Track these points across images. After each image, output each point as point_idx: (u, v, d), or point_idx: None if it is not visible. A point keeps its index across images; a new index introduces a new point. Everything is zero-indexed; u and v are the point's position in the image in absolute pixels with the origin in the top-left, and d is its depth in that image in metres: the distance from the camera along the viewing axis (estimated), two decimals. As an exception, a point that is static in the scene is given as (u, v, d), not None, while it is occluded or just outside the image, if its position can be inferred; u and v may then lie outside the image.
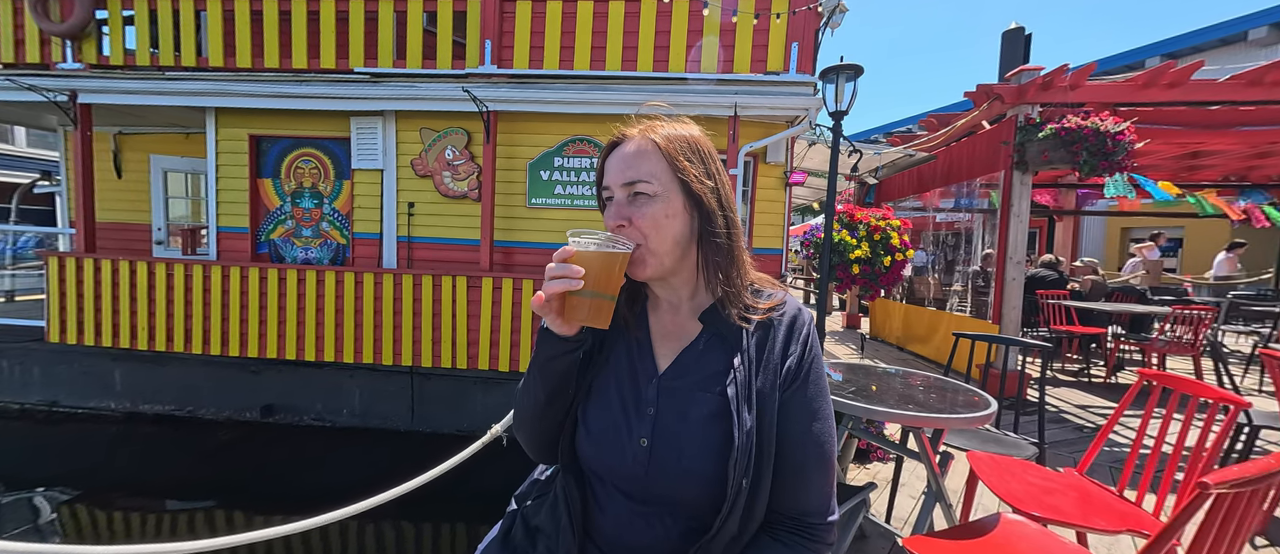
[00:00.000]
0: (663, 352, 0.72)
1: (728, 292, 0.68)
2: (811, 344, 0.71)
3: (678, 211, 0.67)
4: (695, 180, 0.67)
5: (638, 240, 0.66)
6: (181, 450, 4.46)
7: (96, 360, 4.72)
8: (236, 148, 4.85)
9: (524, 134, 4.60)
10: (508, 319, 4.25)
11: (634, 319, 0.75)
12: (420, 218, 4.76)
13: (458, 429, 4.55)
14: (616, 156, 0.70)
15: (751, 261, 0.74)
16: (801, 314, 0.72)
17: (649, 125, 0.71)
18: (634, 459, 0.66)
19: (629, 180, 0.67)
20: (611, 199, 0.70)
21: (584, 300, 0.62)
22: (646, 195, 0.66)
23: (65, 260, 4.55)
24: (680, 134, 0.70)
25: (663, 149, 0.67)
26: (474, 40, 4.24)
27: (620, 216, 0.67)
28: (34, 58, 4.61)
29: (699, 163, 0.69)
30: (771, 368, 0.67)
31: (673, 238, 0.67)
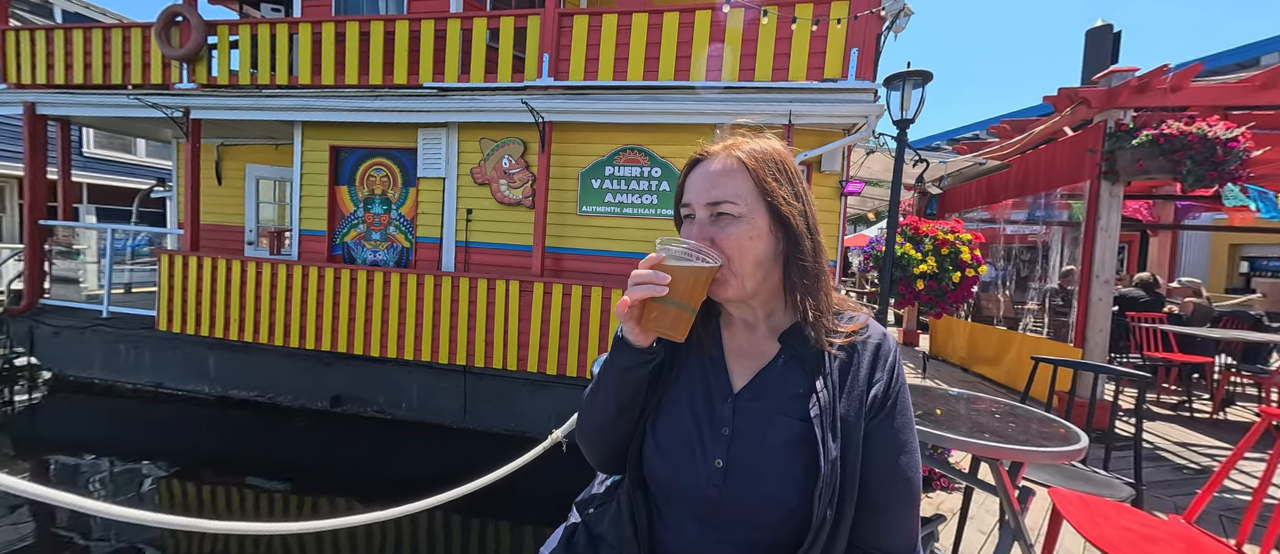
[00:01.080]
0: (738, 370, 0.70)
1: (812, 315, 0.66)
2: (898, 372, 0.67)
3: (763, 233, 0.65)
4: (783, 202, 0.65)
5: (719, 261, 0.65)
6: (262, 434, 4.87)
7: (195, 348, 5.26)
8: (319, 157, 5.29)
9: (577, 143, 4.72)
10: (557, 324, 4.34)
11: (708, 335, 0.73)
12: (477, 223, 4.99)
13: (506, 429, 4.69)
14: (699, 174, 0.68)
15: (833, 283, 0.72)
16: (887, 340, 0.69)
17: (733, 142, 0.69)
18: (707, 480, 0.65)
19: (713, 200, 0.65)
20: (692, 218, 0.68)
21: (667, 309, 0.62)
22: (731, 216, 0.64)
23: (174, 258, 5.12)
24: (767, 152, 0.68)
25: (749, 169, 0.65)
26: (533, 54, 4.41)
27: (702, 237, 0.65)
28: (156, 79, 5.25)
29: (787, 183, 0.67)
30: (856, 395, 0.64)
31: (756, 260, 0.65)
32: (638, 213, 4.64)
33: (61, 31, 5.44)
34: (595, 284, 4.28)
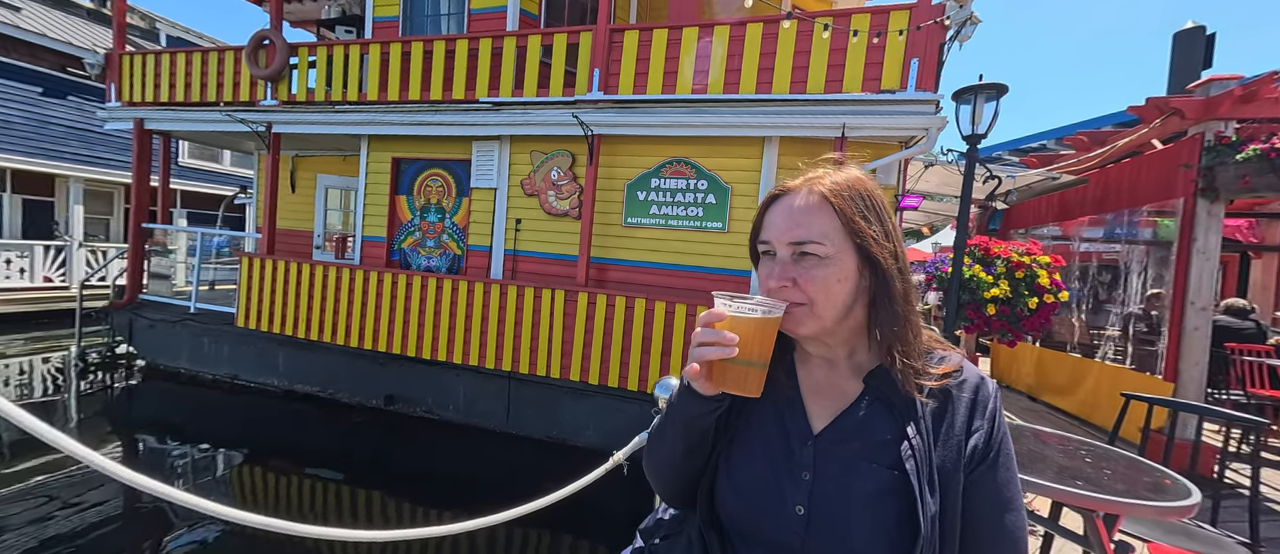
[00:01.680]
0: (817, 410, 0.66)
1: (901, 356, 0.62)
2: (999, 420, 0.62)
3: (849, 274, 0.62)
4: (872, 242, 0.61)
5: (800, 301, 0.61)
6: (323, 427, 5.17)
7: (267, 344, 5.67)
8: (381, 168, 5.62)
9: (624, 156, 4.78)
10: (600, 334, 4.38)
11: (782, 371, 0.69)
12: (525, 233, 5.13)
13: (547, 436, 4.76)
14: (781, 210, 0.65)
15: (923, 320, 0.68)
16: (985, 384, 0.63)
17: (815, 175, 0.66)
18: (787, 527, 0.62)
19: (796, 239, 0.62)
20: (771, 255, 0.65)
21: (736, 368, 0.59)
22: (816, 257, 0.61)
23: (253, 260, 5.56)
24: (854, 187, 0.64)
25: (836, 206, 0.61)
26: (584, 69, 4.53)
27: (784, 277, 0.62)
28: (244, 97, 5.77)
29: (876, 221, 0.63)
30: (953, 444, 0.60)
31: (842, 302, 0.62)
32: (683, 225, 4.63)
33: (167, 55, 6.08)
34: (639, 296, 4.29)
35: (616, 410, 4.47)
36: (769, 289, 0.64)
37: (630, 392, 4.36)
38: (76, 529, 3.20)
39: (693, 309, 4.12)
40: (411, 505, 3.87)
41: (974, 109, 2.51)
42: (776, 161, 4.34)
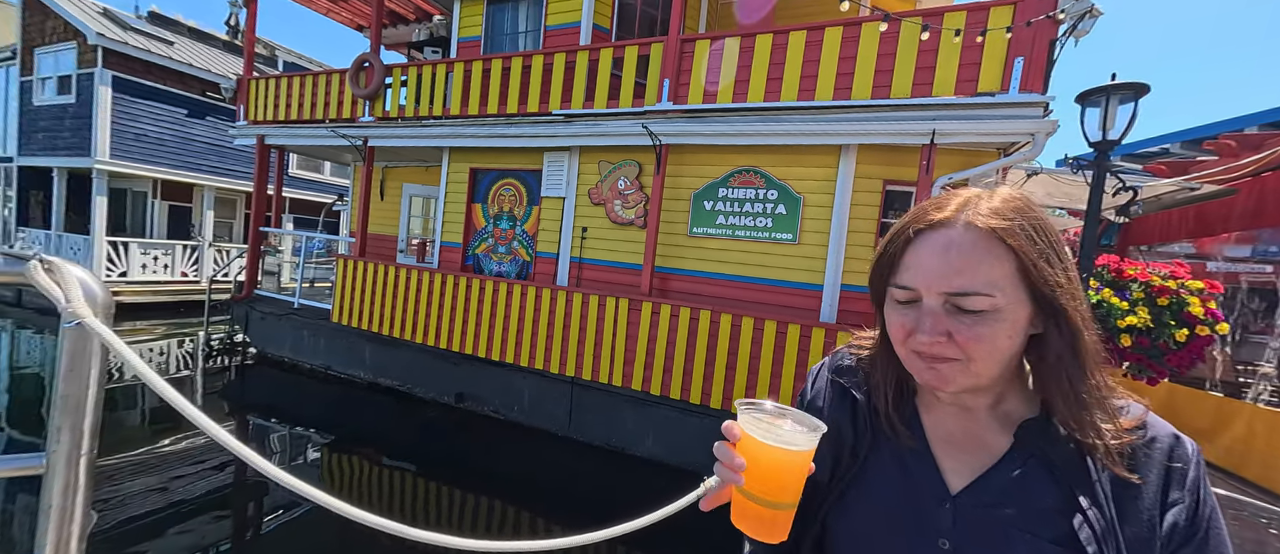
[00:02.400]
0: (952, 465, 0.56)
1: (1071, 408, 0.51)
2: (1205, 491, 0.50)
3: (1021, 327, 0.50)
4: (1059, 290, 0.50)
5: (953, 357, 0.51)
6: (400, 419, 5.53)
7: (356, 339, 6.18)
8: (460, 178, 5.98)
9: (691, 165, 4.75)
10: (663, 344, 4.34)
11: (901, 416, 0.60)
12: (591, 241, 5.22)
13: (607, 443, 4.77)
14: (932, 248, 0.52)
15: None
16: (1182, 445, 0.51)
17: (968, 200, 0.53)
18: None
19: (958, 290, 0.49)
20: (913, 303, 0.53)
21: (754, 507, 0.51)
22: (982, 311, 0.49)
23: (347, 262, 6.10)
24: (1027, 217, 0.51)
25: (1012, 247, 0.49)
26: (654, 79, 4.56)
27: (936, 331, 0.51)
28: (346, 115, 6.38)
29: (1058, 261, 0.51)
30: (1143, 521, 0.49)
31: (1008, 358, 0.52)
32: (751, 236, 4.50)
33: (284, 79, 6.87)
34: (703, 307, 4.22)
35: (677, 422, 4.40)
36: (914, 348, 0.53)
37: (692, 404, 4.27)
38: (197, 491, 3.62)
39: (760, 324, 3.98)
40: (476, 500, 4.02)
41: (1105, 112, 2.21)
42: (854, 170, 4.11)
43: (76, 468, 0.73)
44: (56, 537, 0.72)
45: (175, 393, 0.69)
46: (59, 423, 0.71)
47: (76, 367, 0.71)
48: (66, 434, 0.71)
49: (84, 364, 0.71)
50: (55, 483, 0.72)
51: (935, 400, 0.60)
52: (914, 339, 0.52)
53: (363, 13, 8.07)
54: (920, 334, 0.52)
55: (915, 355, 0.53)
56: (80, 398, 0.71)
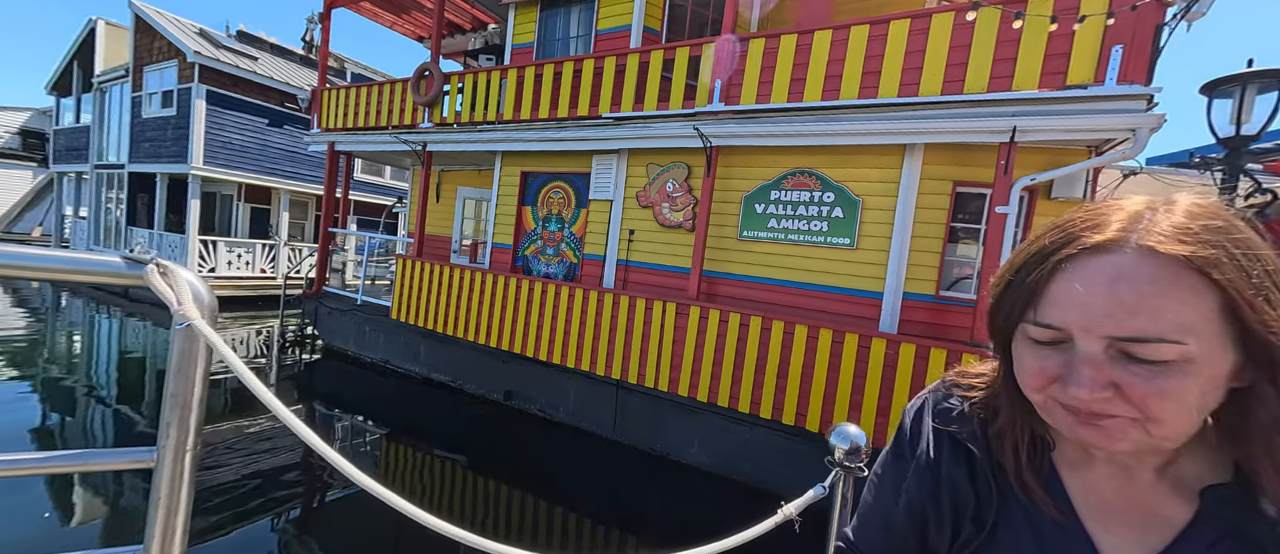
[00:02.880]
0: (1113, 542, 0.46)
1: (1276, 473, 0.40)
2: None
3: (1221, 383, 0.39)
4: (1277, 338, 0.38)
5: (1127, 415, 0.40)
6: (451, 413, 5.73)
7: (412, 335, 6.47)
8: (511, 181, 6.13)
9: (742, 167, 4.63)
10: (711, 349, 4.25)
11: (1036, 475, 0.49)
12: (638, 244, 5.21)
13: (651, 447, 4.73)
14: (1091, 278, 0.40)
15: None
16: None
17: (1140, 216, 0.41)
18: None
19: (1132, 335, 0.38)
20: (1061, 345, 0.42)
21: None
22: (1167, 363, 0.38)
23: (406, 262, 6.40)
24: (1232, 238, 0.39)
25: (1220, 283, 0.37)
26: (705, 80, 4.48)
27: (1098, 384, 0.39)
28: (407, 121, 6.71)
29: (1276, 295, 0.38)
30: None
31: (1199, 418, 0.40)
32: (804, 240, 4.33)
33: (352, 89, 7.32)
34: (754, 313, 4.09)
35: (725, 431, 4.29)
36: (1063, 400, 0.42)
37: (740, 413, 4.16)
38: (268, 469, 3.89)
39: (814, 332, 3.81)
40: (522, 496, 4.08)
41: (1239, 103, 1.93)
42: (919, 171, 3.86)
43: (183, 462, 0.76)
44: (163, 527, 0.76)
45: (268, 392, 0.71)
46: (168, 419, 0.75)
47: (184, 366, 0.74)
48: (174, 430, 0.75)
49: (191, 364, 0.74)
50: (164, 475, 0.75)
51: (1084, 457, 0.48)
52: (1061, 390, 0.42)
53: (424, 25, 8.48)
54: (1073, 386, 0.40)
55: (1062, 408, 0.42)
56: (187, 395, 0.75)
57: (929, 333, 3.86)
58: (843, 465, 0.92)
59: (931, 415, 0.58)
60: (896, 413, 3.45)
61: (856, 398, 3.61)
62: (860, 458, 0.92)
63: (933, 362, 3.33)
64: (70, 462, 0.76)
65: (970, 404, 0.55)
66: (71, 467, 0.76)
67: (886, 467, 0.63)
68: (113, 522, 3.23)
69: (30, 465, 0.76)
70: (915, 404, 0.62)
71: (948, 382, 0.60)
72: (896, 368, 3.45)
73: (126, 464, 0.75)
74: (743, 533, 0.93)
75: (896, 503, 0.59)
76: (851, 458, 0.92)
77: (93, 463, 0.76)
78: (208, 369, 0.76)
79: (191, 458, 0.76)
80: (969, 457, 0.53)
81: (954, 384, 0.59)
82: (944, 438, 0.56)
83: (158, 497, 0.74)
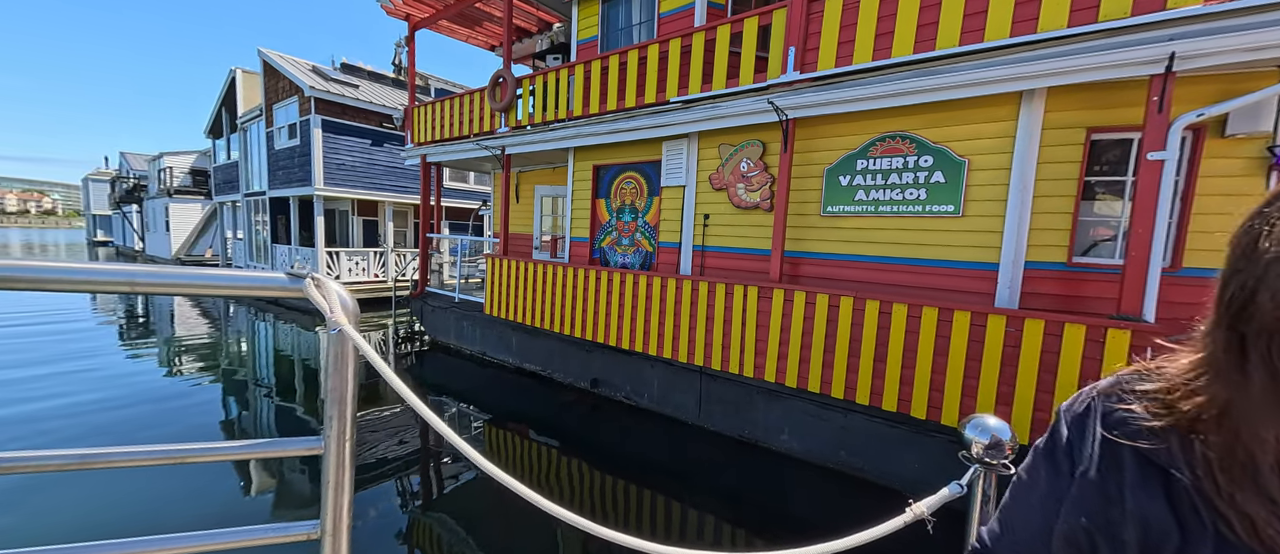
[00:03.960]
0: None
1: None
2: None
3: None
4: None
5: None
6: (543, 400, 6.08)
7: (503, 329, 6.94)
8: (584, 176, 6.29)
9: (822, 138, 4.33)
10: (798, 333, 4.07)
11: (1252, 494, 0.39)
12: (713, 228, 5.10)
13: (739, 434, 4.66)
14: None
15: None
16: None
17: None
18: None
19: None
20: None
21: None
22: None
23: (494, 260, 6.85)
24: None
25: None
26: (777, 50, 4.23)
27: None
28: (486, 128, 7.12)
29: None
30: None
31: None
32: (899, 211, 3.96)
33: (437, 104, 7.91)
34: (844, 293, 3.83)
35: (816, 417, 4.10)
36: None
37: (833, 399, 3.94)
38: (394, 455, 4.40)
39: (916, 310, 3.49)
40: (614, 482, 4.23)
41: None
42: (1041, 120, 3.34)
43: (345, 448, 0.87)
44: (333, 502, 0.87)
45: (406, 388, 0.80)
46: (330, 412, 0.86)
47: (339, 366, 0.84)
48: (335, 421, 0.85)
49: (344, 363, 0.84)
50: (330, 460, 0.86)
51: None
52: None
53: (494, 34, 8.91)
54: None
55: None
56: (343, 391, 0.85)
57: (1061, 307, 3.36)
58: (983, 462, 0.82)
59: (1100, 423, 0.48)
60: (1023, 400, 3.06)
61: (970, 382, 3.26)
62: (1005, 453, 0.81)
63: (1068, 340, 2.89)
64: (257, 449, 0.90)
65: (1163, 412, 0.44)
66: (258, 453, 0.90)
67: (1036, 475, 0.54)
68: (261, 496, 3.85)
69: (225, 453, 0.92)
70: (1077, 406, 0.52)
71: (1123, 380, 0.49)
72: (1020, 348, 3.05)
73: (300, 451, 0.87)
74: (867, 532, 0.87)
75: (1048, 524, 0.51)
76: (994, 453, 0.81)
77: (274, 450, 0.90)
78: (358, 368, 0.86)
79: (350, 445, 0.86)
80: (1168, 483, 0.43)
81: (1133, 382, 0.48)
82: (1125, 456, 0.46)
83: (327, 479, 0.85)
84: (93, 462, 0.77)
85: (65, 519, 3.22)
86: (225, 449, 0.90)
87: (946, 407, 3.35)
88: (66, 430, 4.57)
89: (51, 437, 4.42)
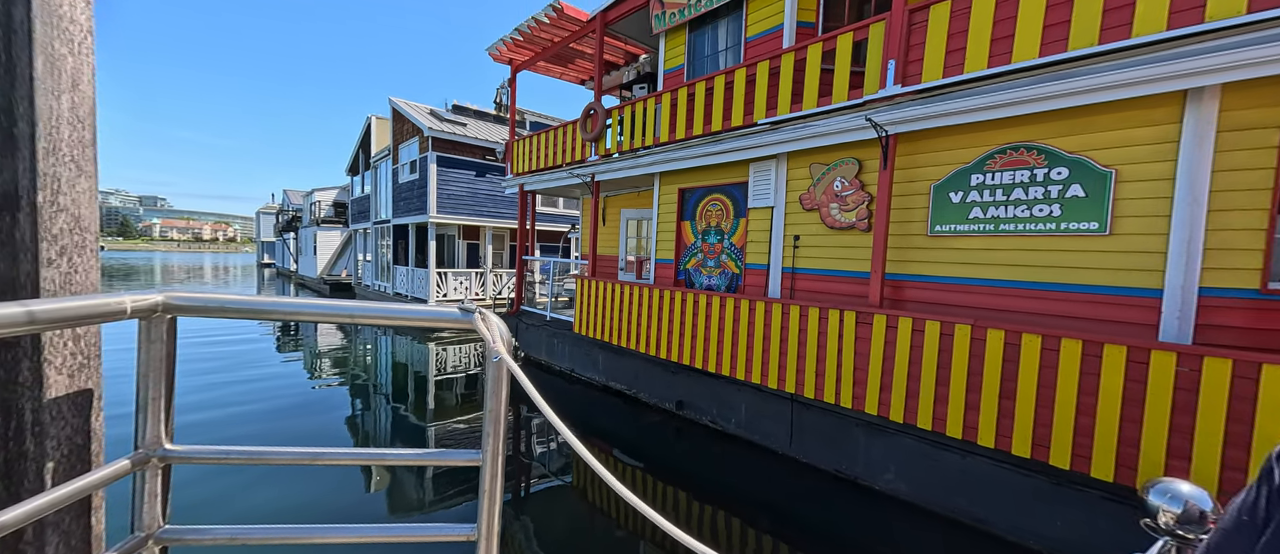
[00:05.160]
0: None
1: None
2: None
3: None
4: None
5: None
6: (628, 419, 6.19)
7: (592, 347, 7.22)
8: (670, 199, 6.42)
9: (929, 153, 4.03)
10: (903, 363, 3.75)
11: None
12: (805, 250, 4.93)
13: (836, 468, 4.36)
14: None
15: None
16: None
17: None
18: None
19: None
20: None
21: None
22: None
23: (583, 281, 7.20)
24: None
25: None
26: (874, 64, 4.05)
27: None
28: (577, 157, 7.59)
29: None
30: None
31: None
32: (1025, 229, 3.54)
33: (533, 137, 8.59)
34: (960, 320, 3.48)
35: (927, 457, 3.72)
36: None
37: (948, 438, 3.56)
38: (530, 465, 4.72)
39: (1053, 342, 3.06)
40: (701, 507, 4.15)
41: None
42: (1214, 122, 2.83)
43: (498, 461, 0.98)
44: (488, 512, 0.98)
45: (547, 406, 0.90)
46: (487, 430, 0.98)
47: (496, 389, 0.96)
48: (491, 439, 0.98)
49: (500, 387, 0.96)
50: (486, 471, 0.98)
51: None
52: None
53: (585, 69, 9.53)
54: None
55: None
56: (499, 411, 0.97)
57: (1254, 342, 2.76)
58: (1176, 534, 0.71)
59: None
60: (1206, 457, 2.54)
61: (1129, 430, 2.77)
62: (1205, 526, 0.70)
63: (1268, 384, 2.36)
64: (428, 457, 1.05)
65: None
66: (428, 460, 1.05)
67: (1243, 524, 0.48)
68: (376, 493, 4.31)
69: (403, 458, 1.08)
70: None
71: None
72: (1198, 392, 2.55)
73: (461, 462, 1.00)
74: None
75: None
76: (1189, 526, 0.71)
77: (439, 459, 1.04)
78: (511, 391, 0.98)
79: (503, 459, 0.98)
80: None
81: None
82: None
83: (484, 489, 0.97)
84: (320, 458, 0.96)
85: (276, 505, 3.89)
86: (403, 455, 1.06)
87: (1097, 458, 2.87)
88: (240, 429, 5.54)
89: (232, 434, 5.39)
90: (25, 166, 0.79)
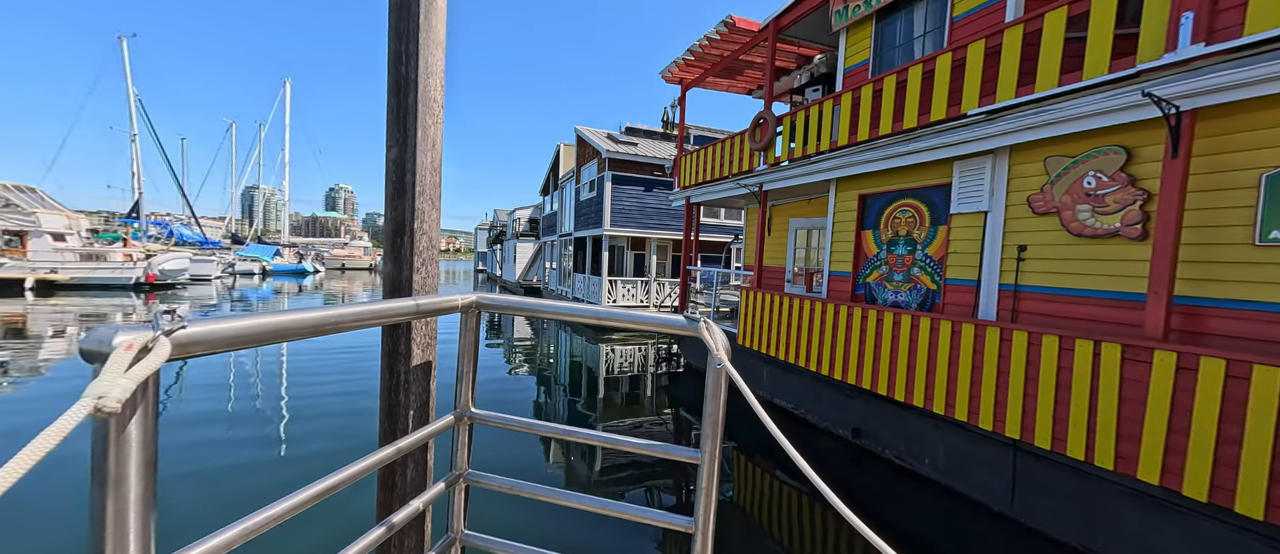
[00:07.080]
0: None
1: None
2: None
3: None
4: None
5: None
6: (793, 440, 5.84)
7: (755, 361, 7.04)
8: (848, 207, 5.91)
9: (1250, 132, 2.89)
10: (1207, 419, 2.74)
11: None
12: (1033, 263, 4.00)
13: (1083, 544, 3.40)
14: None
15: None
16: None
17: None
18: None
19: None
20: None
21: None
22: None
23: (747, 292, 7.09)
24: None
25: None
26: (1158, 20, 3.09)
27: None
28: (744, 167, 7.53)
29: None
30: None
31: None
32: None
33: (699, 151, 8.83)
34: (1321, 369, 2.39)
35: (1235, 544, 2.64)
36: None
37: (1262, 524, 2.47)
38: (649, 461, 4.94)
39: None
40: None
41: None
42: None
43: (714, 463, 1.05)
44: (705, 508, 1.04)
45: (768, 417, 0.93)
46: (707, 432, 1.06)
47: (715, 393, 1.03)
48: (709, 441, 1.05)
49: (720, 391, 1.03)
50: (704, 469, 1.05)
51: None
52: None
53: (753, 79, 9.45)
54: None
55: None
56: (717, 415, 1.03)
57: None
58: None
59: None
60: None
61: None
62: None
63: None
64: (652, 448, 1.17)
65: None
66: (650, 451, 1.17)
67: None
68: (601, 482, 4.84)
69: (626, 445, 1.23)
70: None
71: None
72: None
73: (683, 458, 1.10)
74: None
75: None
76: None
77: (660, 452, 1.16)
78: (727, 397, 1.04)
79: (719, 459, 1.05)
80: None
81: None
82: None
83: (701, 486, 1.05)
84: (571, 435, 1.16)
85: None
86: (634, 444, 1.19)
87: None
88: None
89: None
90: (409, 205, 1.15)
